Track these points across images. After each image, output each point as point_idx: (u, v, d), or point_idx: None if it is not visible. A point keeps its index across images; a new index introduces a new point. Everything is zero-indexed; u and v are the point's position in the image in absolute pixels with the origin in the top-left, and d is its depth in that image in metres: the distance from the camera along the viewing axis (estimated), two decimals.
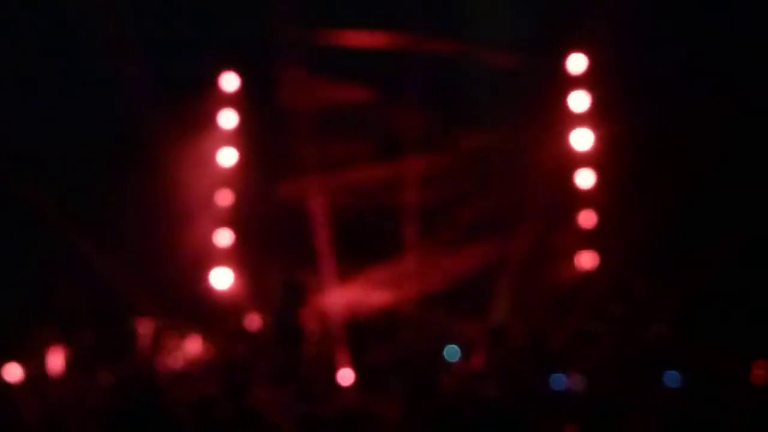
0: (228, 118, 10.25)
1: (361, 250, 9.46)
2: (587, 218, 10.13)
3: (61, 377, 7.39)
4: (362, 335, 9.07)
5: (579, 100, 10.28)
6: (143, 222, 9.21)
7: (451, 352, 8.89)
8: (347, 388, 8.29)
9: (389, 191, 9.79)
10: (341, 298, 9.28)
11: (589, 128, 10.19)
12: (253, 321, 9.27)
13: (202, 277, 9.79)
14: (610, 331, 8.70)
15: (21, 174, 8.65)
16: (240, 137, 10.21)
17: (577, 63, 10.34)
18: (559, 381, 7.81)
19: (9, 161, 8.62)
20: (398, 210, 9.74)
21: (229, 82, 10.26)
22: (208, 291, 9.76)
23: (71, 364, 7.95)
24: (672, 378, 7.87)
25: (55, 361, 7.87)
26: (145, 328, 8.84)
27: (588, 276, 9.84)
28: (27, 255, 8.84)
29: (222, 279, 9.85)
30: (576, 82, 10.31)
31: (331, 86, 9.79)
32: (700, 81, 9.04)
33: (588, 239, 10.08)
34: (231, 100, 10.25)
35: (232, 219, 10.04)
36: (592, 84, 10.19)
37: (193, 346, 8.88)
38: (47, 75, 9.18)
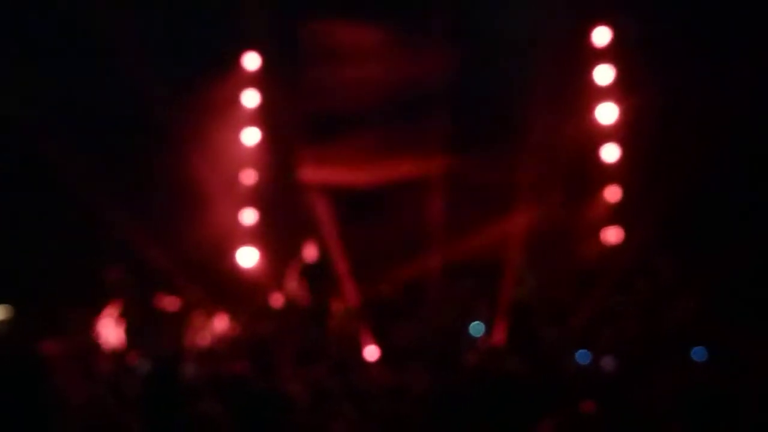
0: (251, 98, 10.28)
1: (383, 225, 9.47)
2: (612, 193, 10.06)
3: (99, 354, 7.54)
4: (387, 312, 9.13)
5: (603, 74, 10.17)
6: (170, 202, 9.30)
7: (476, 328, 8.91)
8: (373, 364, 8.36)
9: (412, 164, 9.78)
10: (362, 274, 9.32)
11: (613, 102, 10.09)
12: (278, 299, 9.35)
13: (228, 256, 9.89)
14: (635, 307, 8.65)
15: (53, 157, 8.76)
16: (263, 116, 10.25)
17: (601, 36, 10.22)
18: (584, 356, 7.81)
19: (42, 146, 8.75)
20: (422, 184, 9.74)
21: (251, 61, 10.29)
22: (234, 270, 9.86)
23: (111, 341, 8.10)
24: (699, 353, 7.83)
25: (95, 337, 8.03)
26: (173, 306, 8.97)
27: (613, 251, 9.79)
28: (63, 235, 8.98)
29: (247, 258, 9.94)
30: (600, 56, 10.20)
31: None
32: (726, 53, 8.87)
33: (613, 214, 10.01)
34: (253, 80, 10.28)
35: (257, 198, 10.11)
36: (617, 57, 10.09)
37: (220, 324, 8.98)
38: (75, 58, 9.26)
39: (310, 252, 9.14)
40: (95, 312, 8.62)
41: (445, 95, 9.77)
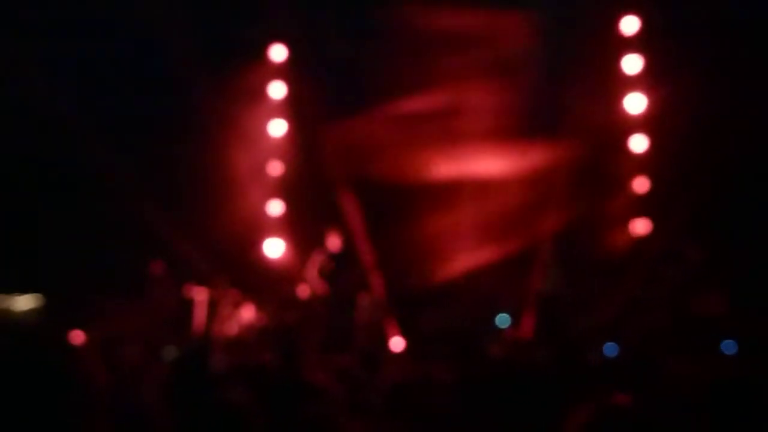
0: (277, 89, 10.31)
1: (410, 216, 9.47)
2: (641, 184, 9.97)
3: (131, 343, 7.61)
4: (413, 303, 9.13)
5: (632, 63, 10.06)
6: (197, 193, 9.37)
7: (502, 320, 8.90)
8: (398, 355, 8.37)
9: (440, 155, 9.76)
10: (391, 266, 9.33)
11: (642, 92, 9.98)
12: (305, 289, 9.40)
13: (255, 247, 9.94)
14: (663, 298, 8.57)
15: (84, 149, 8.86)
16: (289, 108, 10.28)
17: (630, 25, 10.10)
18: (612, 349, 7.75)
19: (73, 139, 8.84)
20: (450, 175, 9.72)
21: (278, 53, 10.31)
22: (261, 260, 9.92)
23: (142, 331, 8.19)
24: (729, 346, 7.75)
25: (124, 326, 8.13)
26: (201, 296, 9.04)
27: (641, 242, 9.71)
28: (92, 226, 9.09)
29: (274, 248, 9.99)
30: (629, 45, 10.09)
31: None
32: (756, 41, 8.73)
33: (641, 205, 9.92)
34: (280, 71, 10.31)
35: (283, 189, 10.15)
36: (646, 46, 9.97)
37: (247, 313, 9.05)
38: (107, 51, 9.34)
39: (334, 242, 9.16)
40: (124, 301, 8.73)
41: (477, 87, 9.73)
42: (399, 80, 9.55)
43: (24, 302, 9.79)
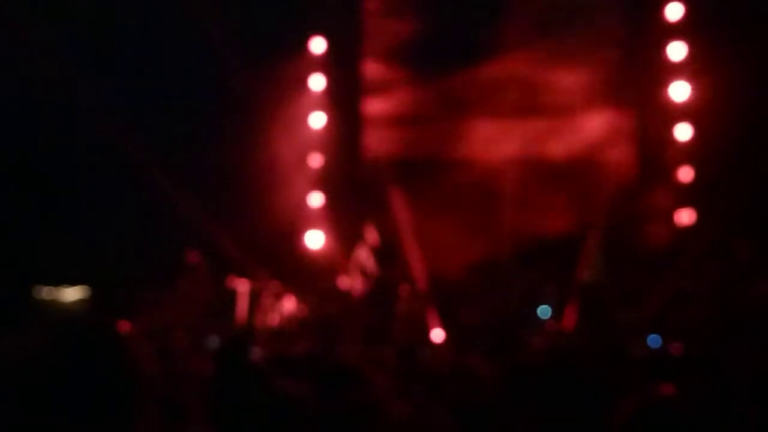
0: (317, 82, 10.35)
1: (452, 206, 9.44)
2: (685, 173, 9.80)
3: (173, 333, 7.73)
4: (454, 294, 9.11)
5: (676, 50, 9.88)
6: (238, 185, 9.45)
7: (544, 311, 8.83)
8: (439, 346, 8.37)
9: (478, 145, 9.71)
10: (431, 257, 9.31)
11: (686, 80, 9.79)
12: (345, 281, 9.44)
13: (296, 238, 10.01)
14: (709, 290, 8.42)
15: (127, 140, 8.99)
16: (329, 100, 10.30)
17: (674, 11, 9.92)
18: (655, 341, 7.65)
19: (114, 130, 8.98)
20: (491, 165, 9.67)
21: (318, 45, 10.34)
22: (302, 252, 9.98)
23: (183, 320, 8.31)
24: None
25: (169, 316, 8.25)
26: (243, 287, 9.14)
27: (686, 233, 9.55)
28: (137, 218, 9.23)
29: (314, 240, 10.05)
30: (673, 31, 9.90)
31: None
32: None
33: (686, 195, 9.76)
34: (320, 63, 10.34)
35: (324, 181, 10.19)
36: (690, 33, 9.78)
37: (288, 305, 9.12)
38: (147, 42, 9.45)
39: (373, 236, 9.18)
40: (169, 292, 8.85)
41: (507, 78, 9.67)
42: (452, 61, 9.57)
43: (71, 294, 10.00)
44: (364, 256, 9.13)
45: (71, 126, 9.26)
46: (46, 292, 9.86)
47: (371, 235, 9.18)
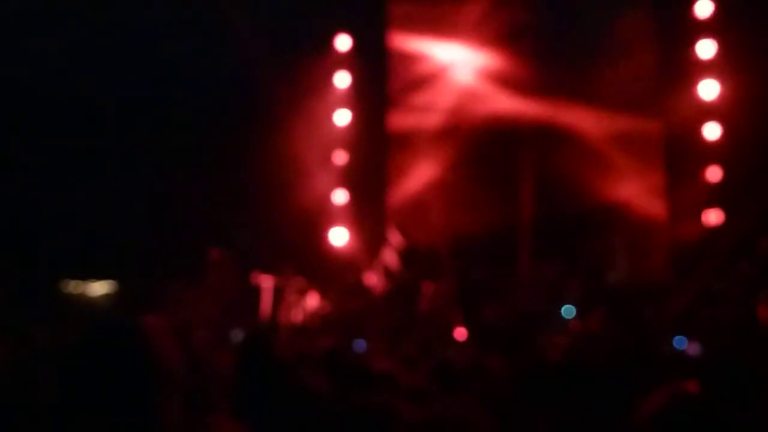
0: (342, 79, 10.37)
1: (475, 203, 9.41)
2: (714, 173, 9.68)
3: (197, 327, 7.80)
4: (477, 292, 9.09)
5: (705, 48, 9.76)
6: (263, 181, 9.50)
7: (568, 311, 8.77)
8: (461, 344, 8.35)
9: (502, 144, 9.67)
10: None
11: (716, 78, 9.67)
12: (370, 278, 9.46)
13: (320, 235, 10.05)
14: (737, 290, 8.31)
15: (151, 136, 9.08)
16: (354, 97, 10.32)
17: (704, 8, 9.80)
18: (681, 342, 7.57)
19: (141, 125, 9.07)
20: (514, 163, 9.63)
21: (343, 42, 10.37)
22: (326, 249, 10.01)
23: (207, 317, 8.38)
24: None
25: (194, 310, 8.32)
26: (267, 283, 9.19)
27: (714, 233, 9.44)
28: (162, 213, 9.32)
29: (339, 237, 10.08)
30: (703, 29, 9.79)
31: None
32: None
33: (714, 195, 9.64)
34: (345, 61, 10.36)
35: (348, 178, 10.22)
36: (720, 30, 9.65)
37: (312, 301, 9.16)
38: (175, 40, 9.52)
39: (396, 237, 9.19)
40: (193, 287, 8.92)
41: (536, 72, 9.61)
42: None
43: (98, 288, 10.12)
44: (389, 257, 9.14)
45: (100, 120, 9.36)
46: (73, 287, 9.99)
47: (395, 237, 9.18)
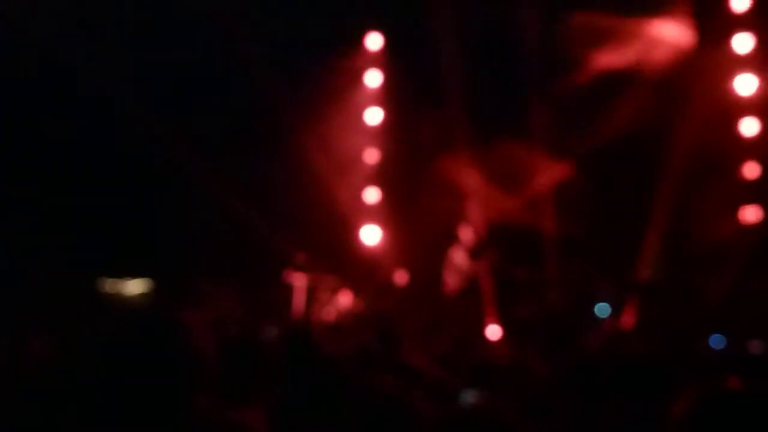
0: (373, 78, 10.39)
1: (509, 202, 9.38)
2: (751, 169, 9.54)
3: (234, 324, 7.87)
4: (510, 291, 9.04)
5: (742, 42, 9.61)
6: (295, 180, 9.55)
7: (602, 309, 8.71)
8: (495, 343, 8.33)
9: (541, 143, 9.62)
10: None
11: (753, 72, 9.52)
12: (401, 276, 9.46)
13: (352, 234, 10.08)
14: None
15: (182, 135, 9.16)
16: (385, 96, 10.33)
17: (740, 2, 9.65)
18: (718, 341, 7.47)
19: (172, 124, 9.16)
20: (552, 163, 9.58)
21: (374, 41, 10.38)
22: (358, 247, 10.04)
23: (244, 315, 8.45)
24: None
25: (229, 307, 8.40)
26: (300, 282, 9.23)
27: (751, 231, 9.30)
28: (196, 212, 9.41)
29: (370, 236, 10.10)
30: (739, 22, 9.64)
31: None
32: None
33: (751, 191, 9.50)
34: (376, 60, 10.38)
35: (379, 177, 10.23)
36: (757, 24, 9.50)
37: (345, 299, 9.18)
38: (201, 37, 9.60)
39: (467, 233, 9.08)
40: (228, 283, 9.00)
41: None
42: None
43: (134, 286, 10.25)
44: (459, 255, 9.07)
45: (136, 120, 9.47)
46: (109, 285, 10.13)
47: (465, 233, 9.09)
